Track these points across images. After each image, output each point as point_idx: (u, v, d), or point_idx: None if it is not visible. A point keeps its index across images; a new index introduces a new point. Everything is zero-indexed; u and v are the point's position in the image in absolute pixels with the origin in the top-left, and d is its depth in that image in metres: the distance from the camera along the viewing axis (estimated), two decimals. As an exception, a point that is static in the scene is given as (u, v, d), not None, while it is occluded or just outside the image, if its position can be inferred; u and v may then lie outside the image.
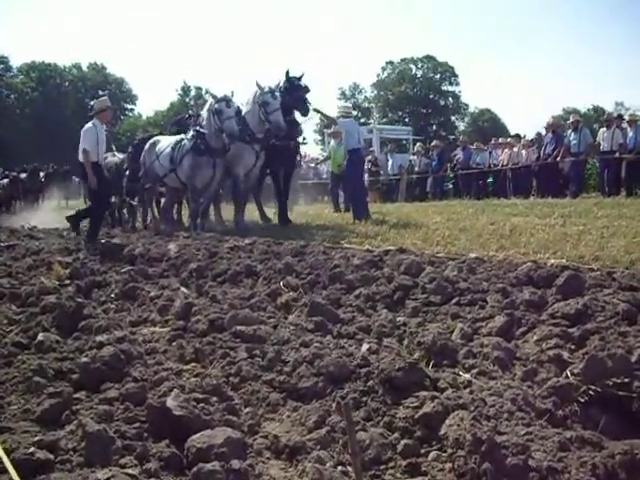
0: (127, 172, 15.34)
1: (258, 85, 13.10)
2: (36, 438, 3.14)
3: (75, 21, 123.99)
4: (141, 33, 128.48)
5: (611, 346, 3.83)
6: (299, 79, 13.74)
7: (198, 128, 13.31)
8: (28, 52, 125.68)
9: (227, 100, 12.97)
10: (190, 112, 15.32)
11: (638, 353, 3.62)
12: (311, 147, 60.76)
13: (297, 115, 14.21)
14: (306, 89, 13.80)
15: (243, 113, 13.58)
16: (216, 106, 12.96)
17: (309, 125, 15.99)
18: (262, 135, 13.27)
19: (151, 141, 14.99)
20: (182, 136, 13.92)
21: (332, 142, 20.13)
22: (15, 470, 2.78)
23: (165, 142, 14.30)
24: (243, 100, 13.79)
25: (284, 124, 12.86)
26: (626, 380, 3.32)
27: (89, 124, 11.70)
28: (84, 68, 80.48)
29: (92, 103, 12.54)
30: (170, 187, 14.58)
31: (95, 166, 11.50)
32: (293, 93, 13.64)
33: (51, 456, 2.95)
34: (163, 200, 15.69)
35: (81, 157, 11.47)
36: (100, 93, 76.00)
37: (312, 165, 29.98)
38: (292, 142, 14.21)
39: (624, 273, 6.04)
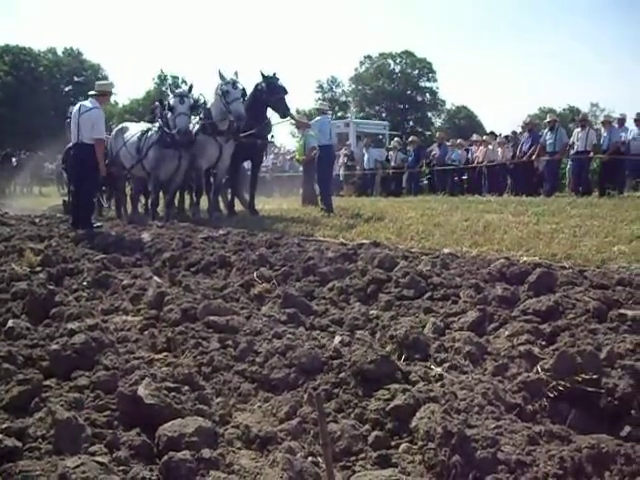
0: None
1: (221, 75, 13.00)
2: (4, 425, 3.12)
3: (51, 5, 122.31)
4: (118, 19, 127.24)
5: (581, 343, 3.88)
6: (277, 79, 13.71)
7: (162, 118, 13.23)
8: (2, 35, 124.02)
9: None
10: (156, 102, 14.97)
11: (607, 350, 3.68)
12: (288, 139, 60.66)
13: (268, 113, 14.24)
14: (285, 91, 13.79)
15: (208, 105, 13.53)
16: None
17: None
18: (225, 127, 13.19)
19: (118, 127, 14.85)
20: (149, 126, 13.80)
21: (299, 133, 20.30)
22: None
23: (133, 130, 14.13)
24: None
25: (244, 113, 12.76)
26: (595, 376, 3.37)
27: (97, 109, 11.20)
28: (59, 53, 79.47)
29: (98, 83, 12.17)
30: (137, 177, 14.45)
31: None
32: (274, 95, 13.60)
33: (19, 443, 2.92)
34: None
35: (88, 138, 11.00)
36: (76, 79, 75.31)
37: (288, 158, 29.97)
38: (260, 140, 14.17)
39: (595, 271, 6.13)
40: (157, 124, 13.36)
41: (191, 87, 13.52)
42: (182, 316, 5.17)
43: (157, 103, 14.42)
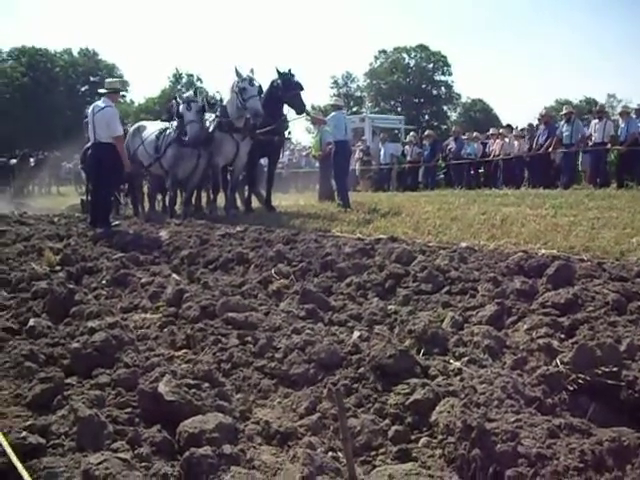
0: None
1: (237, 72, 13.02)
2: (28, 423, 3.15)
3: (67, 6, 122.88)
4: (133, 19, 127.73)
5: (600, 335, 3.86)
6: (293, 76, 13.73)
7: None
8: (18, 37, 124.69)
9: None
10: (173, 101, 14.91)
11: (627, 342, 3.65)
12: (303, 136, 60.69)
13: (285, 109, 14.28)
14: (301, 87, 13.82)
15: (224, 102, 13.57)
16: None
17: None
18: (241, 124, 13.21)
19: (135, 126, 14.92)
20: (167, 125, 13.86)
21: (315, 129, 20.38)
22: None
23: (150, 129, 14.21)
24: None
25: (261, 110, 12.78)
26: (615, 369, 3.35)
27: (110, 107, 11.29)
28: (75, 54, 79.92)
29: (107, 81, 12.25)
30: (154, 175, 14.54)
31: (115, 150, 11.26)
32: (289, 91, 13.62)
33: (43, 440, 2.96)
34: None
35: (105, 137, 11.07)
36: (91, 79, 75.68)
37: (304, 154, 30.00)
38: (277, 137, 14.20)
39: (614, 264, 6.09)
40: (175, 123, 13.42)
41: (196, 91, 13.55)
42: (201, 313, 5.19)
43: (173, 101, 14.46)
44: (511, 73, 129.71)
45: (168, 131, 13.51)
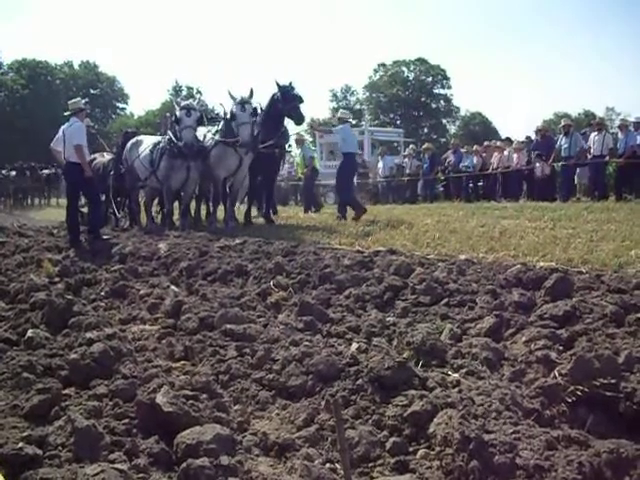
0: (112, 172, 15.15)
1: (230, 95, 13.07)
2: (25, 433, 3.15)
3: (67, 18, 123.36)
4: (133, 31, 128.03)
5: (599, 347, 3.87)
6: (293, 88, 13.77)
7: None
8: (19, 49, 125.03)
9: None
10: (167, 114, 15.02)
11: (625, 354, 3.66)
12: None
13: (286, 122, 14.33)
14: (300, 99, 13.86)
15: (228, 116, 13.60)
16: (177, 114, 13.05)
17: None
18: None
19: (133, 140, 14.97)
20: (160, 138, 13.95)
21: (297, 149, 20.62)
22: (3, 465, 2.78)
23: (147, 143, 14.31)
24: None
25: (249, 140, 12.79)
26: (613, 381, 3.35)
27: (76, 122, 11.31)
28: (75, 66, 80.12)
29: (70, 102, 12.26)
30: (150, 187, 14.60)
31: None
32: (289, 103, 13.65)
33: (40, 451, 2.96)
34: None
35: (73, 154, 11.01)
36: (92, 92, 75.89)
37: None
38: (277, 150, 14.24)
39: (612, 276, 6.08)
40: (167, 136, 13.50)
41: (198, 102, 13.57)
42: (199, 325, 5.20)
43: (167, 114, 14.56)
44: (510, 86, 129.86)
45: (161, 144, 13.58)
